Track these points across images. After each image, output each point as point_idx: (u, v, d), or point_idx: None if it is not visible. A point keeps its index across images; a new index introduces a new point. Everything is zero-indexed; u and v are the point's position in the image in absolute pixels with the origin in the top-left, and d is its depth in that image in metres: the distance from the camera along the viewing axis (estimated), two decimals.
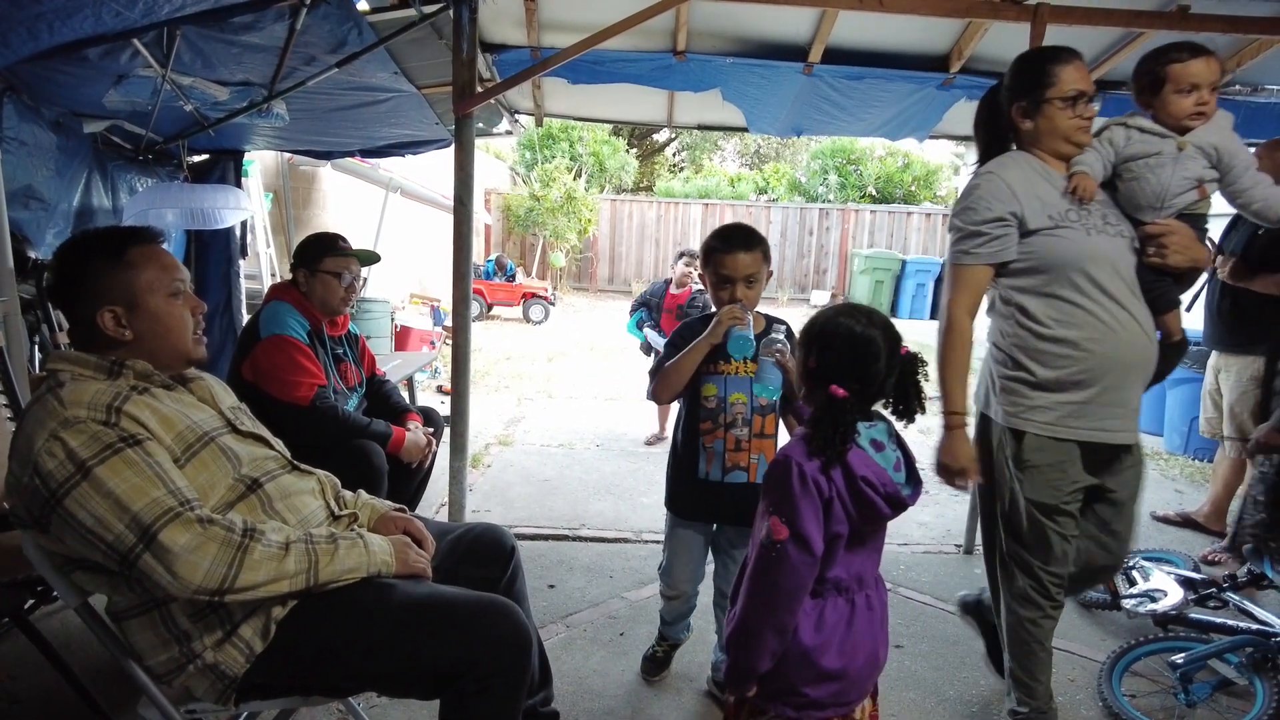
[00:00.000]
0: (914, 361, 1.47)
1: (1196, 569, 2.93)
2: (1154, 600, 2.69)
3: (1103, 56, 3.83)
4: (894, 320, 1.54)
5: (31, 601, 2.15)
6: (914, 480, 1.49)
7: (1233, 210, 2.07)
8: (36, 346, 3.35)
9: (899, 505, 1.44)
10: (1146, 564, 2.92)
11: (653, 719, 2.27)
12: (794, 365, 1.78)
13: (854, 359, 1.42)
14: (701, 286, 2.26)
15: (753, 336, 2.03)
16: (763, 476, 1.98)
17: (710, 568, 2.34)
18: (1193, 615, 2.59)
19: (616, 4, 3.16)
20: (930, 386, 1.59)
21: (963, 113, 4.39)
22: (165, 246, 1.61)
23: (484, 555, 1.84)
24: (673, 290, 5.19)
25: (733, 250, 2.10)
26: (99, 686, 2.07)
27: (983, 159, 2.10)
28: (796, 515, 1.37)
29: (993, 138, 2.11)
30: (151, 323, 1.51)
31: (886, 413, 1.53)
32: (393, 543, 1.59)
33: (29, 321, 3.21)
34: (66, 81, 3.24)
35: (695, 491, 2.21)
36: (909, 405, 1.49)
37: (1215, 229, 2.65)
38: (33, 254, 3.50)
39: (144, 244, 1.54)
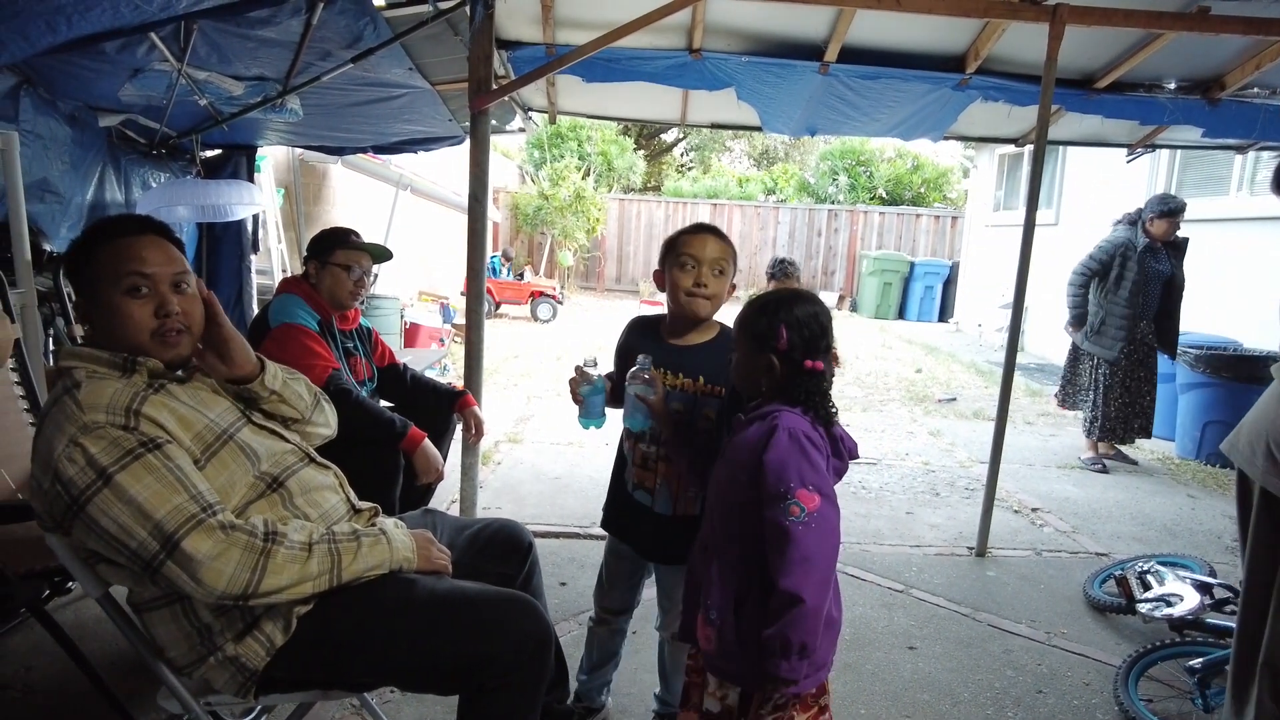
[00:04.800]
0: None
1: (1212, 573, 2.91)
2: (1170, 605, 2.67)
3: (1122, 58, 3.81)
4: (902, 322, 1.61)
5: (48, 592, 2.15)
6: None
7: None
8: (51, 338, 3.36)
9: (851, 459, 1.59)
10: (1162, 568, 2.90)
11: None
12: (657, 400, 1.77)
13: (820, 335, 1.53)
14: None
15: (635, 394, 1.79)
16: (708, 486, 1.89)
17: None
18: (1209, 620, 2.57)
19: (633, 1, 3.15)
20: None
21: (978, 114, 4.38)
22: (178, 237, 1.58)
23: (502, 551, 1.83)
24: None
25: (700, 233, 1.89)
26: (114, 677, 2.07)
27: None
28: (820, 477, 1.42)
29: None
30: (101, 317, 1.47)
31: None
32: (415, 538, 1.59)
33: (44, 314, 3.23)
34: (83, 75, 3.24)
35: (613, 499, 2.07)
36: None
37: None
38: (48, 247, 3.51)
39: (125, 236, 1.48)
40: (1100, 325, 4.84)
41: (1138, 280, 4.68)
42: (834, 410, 1.52)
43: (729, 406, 1.84)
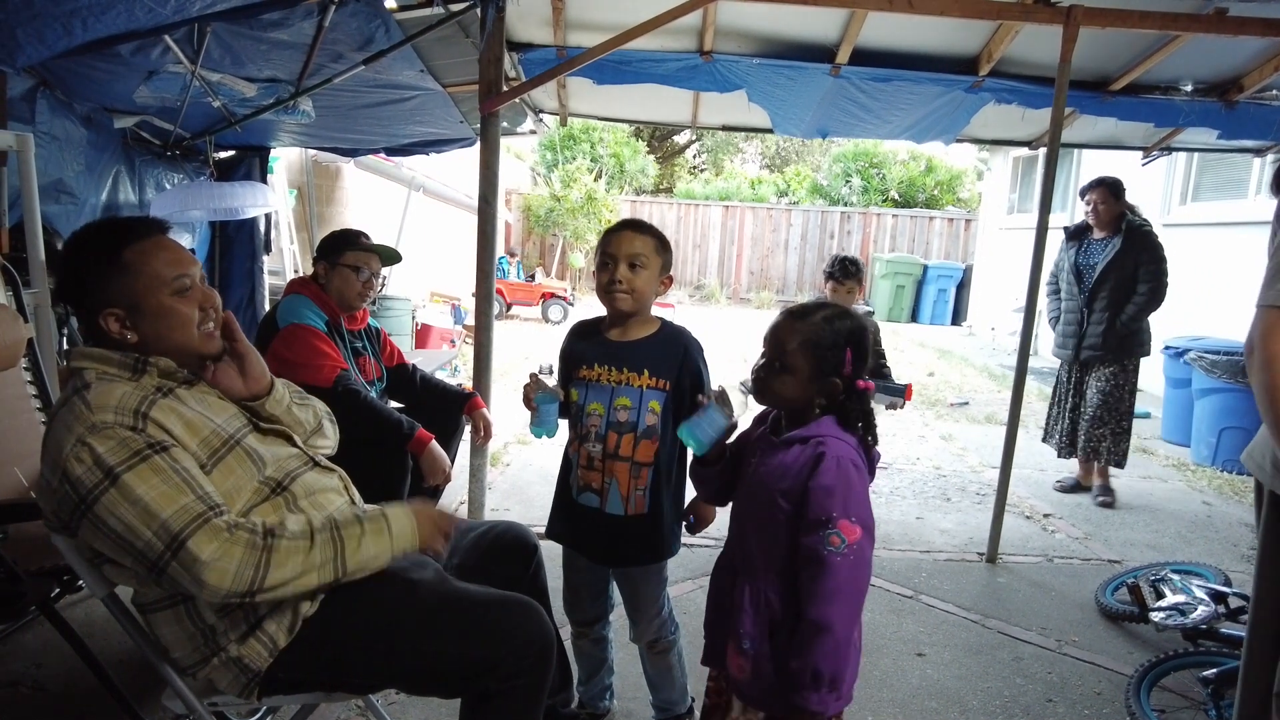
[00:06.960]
0: None
1: (1227, 582, 2.87)
2: (1183, 614, 2.64)
3: (1137, 60, 3.78)
4: (915, 326, 1.62)
5: (57, 590, 2.17)
6: None
7: None
8: (64, 338, 3.39)
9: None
10: (1175, 576, 2.87)
11: None
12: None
13: (872, 355, 1.58)
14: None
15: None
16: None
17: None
18: (1223, 630, 2.53)
19: (644, 4, 3.15)
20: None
21: (991, 116, 4.35)
22: (187, 239, 1.58)
23: (507, 552, 1.84)
24: None
25: (619, 230, 1.89)
26: (123, 675, 2.08)
27: None
28: (864, 509, 1.40)
29: None
30: (154, 324, 1.45)
31: None
32: (415, 515, 1.51)
33: (57, 314, 3.25)
34: (98, 77, 3.27)
35: (559, 507, 2.05)
36: None
37: None
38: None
39: (141, 240, 1.45)
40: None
41: (1064, 272, 4.49)
42: (876, 430, 1.52)
43: (675, 401, 1.87)
